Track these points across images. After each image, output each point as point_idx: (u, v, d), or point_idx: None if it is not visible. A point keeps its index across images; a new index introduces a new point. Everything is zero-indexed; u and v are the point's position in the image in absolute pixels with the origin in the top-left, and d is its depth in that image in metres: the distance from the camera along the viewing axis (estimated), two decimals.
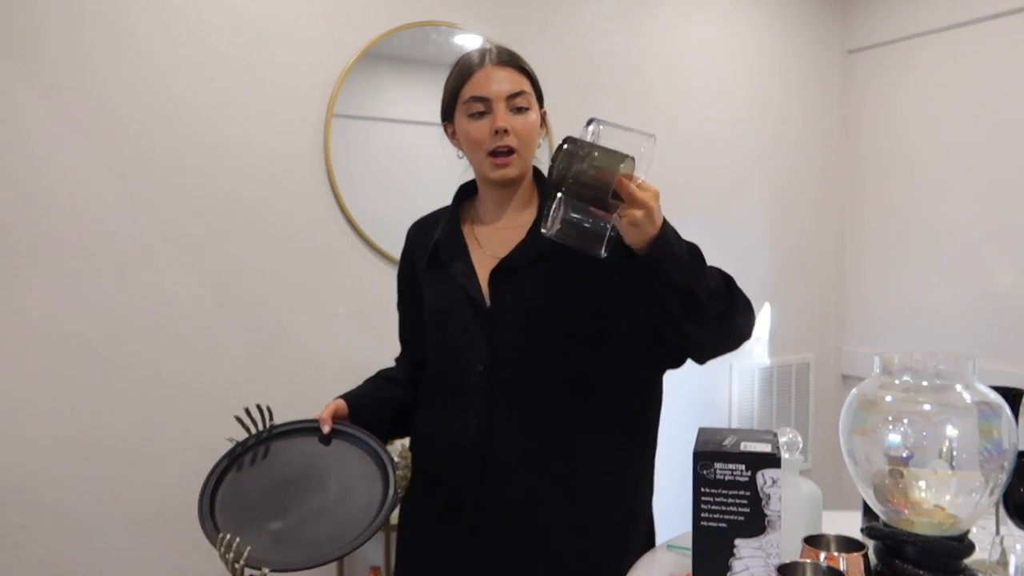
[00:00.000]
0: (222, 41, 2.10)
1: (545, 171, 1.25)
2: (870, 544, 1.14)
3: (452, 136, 1.31)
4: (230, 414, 2.13)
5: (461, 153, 1.31)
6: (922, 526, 1.11)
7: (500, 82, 1.23)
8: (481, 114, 1.23)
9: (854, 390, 1.19)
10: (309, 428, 1.25)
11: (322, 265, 2.26)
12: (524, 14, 2.53)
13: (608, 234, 1.04)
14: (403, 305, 1.45)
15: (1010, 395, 1.19)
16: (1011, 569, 1.10)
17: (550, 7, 2.57)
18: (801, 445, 1.40)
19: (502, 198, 1.31)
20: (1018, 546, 1.12)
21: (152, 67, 2.02)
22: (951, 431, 1.10)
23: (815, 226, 3.24)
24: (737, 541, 1.01)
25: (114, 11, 1.97)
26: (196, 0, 2.07)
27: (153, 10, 2.02)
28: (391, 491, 1.16)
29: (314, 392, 2.22)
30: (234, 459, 1.23)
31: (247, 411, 1.23)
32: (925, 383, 1.13)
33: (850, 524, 1.29)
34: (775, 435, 1.15)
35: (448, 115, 1.29)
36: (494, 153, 1.23)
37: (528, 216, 1.30)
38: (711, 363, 1.30)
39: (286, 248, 2.21)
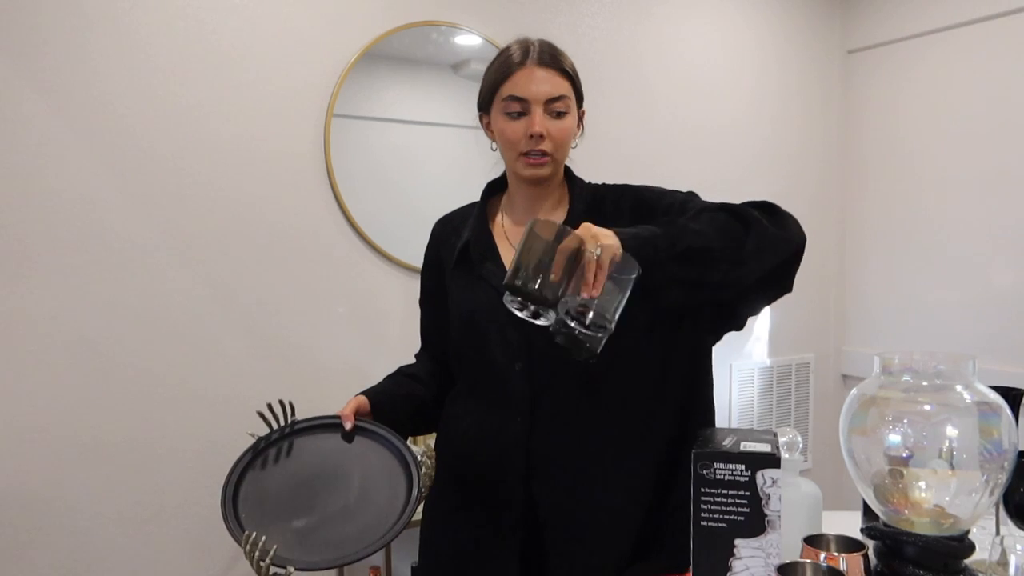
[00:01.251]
0: (222, 41, 2.10)
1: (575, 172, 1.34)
2: (870, 544, 1.14)
3: (487, 127, 1.30)
4: (230, 414, 2.15)
5: (495, 145, 1.30)
6: (922, 526, 1.11)
7: (540, 84, 1.21)
8: (518, 115, 1.21)
9: (854, 390, 1.19)
10: (331, 424, 1.24)
11: (322, 265, 2.26)
12: (524, 14, 2.53)
13: (599, 336, 1.00)
14: (427, 304, 1.44)
15: (1010, 395, 1.19)
16: (1011, 569, 1.10)
17: (550, 7, 2.57)
18: (801, 445, 1.40)
19: (534, 196, 1.30)
20: (1018, 546, 1.12)
21: (152, 67, 2.02)
22: (951, 431, 1.10)
23: (815, 226, 3.24)
24: (737, 541, 1.01)
25: (114, 11, 1.97)
26: (196, 0, 2.07)
27: (153, 10, 2.02)
28: (415, 490, 1.15)
29: (314, 392, 2.23)
30: (257, 454, 1.22)
31: (269, 406, 1.23)
32: (925, 383, 1.13)
33: (850, 524, 1.29)
34: (775, 435, 1.15)
35: (485, 107, 1.28)
36: (527, 155, 1.22)
37: (559, 215, 1.28)
38: (712, 363, 1.30)
39: (286, 248, 2.21)
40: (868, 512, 1.29)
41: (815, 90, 3.20)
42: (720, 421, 2.97)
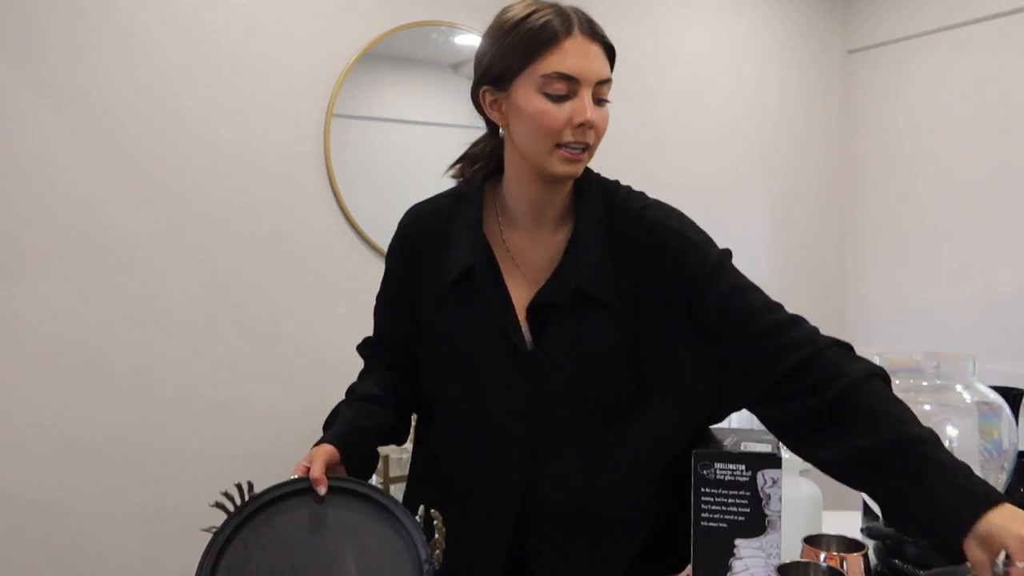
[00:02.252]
0: (222, 41, 2.10)
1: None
2: (870, 544, 1.14)
3: (492, 106, 1.05)
4: (230, 414, 2.15)
5: (504, 131, 1.06)
6: None
7: (593, 61, 0.98)
8: (562, 97, 0.98)
9: None
10: (300, 490, 0.96)
11: (322, 264, 2.26)
12: None
13: None
14: (391, 310, 1.19)
15: (1010, 395, 1.19)
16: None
17: None
18: None
19: (543, 200, 1.06)
20: None
21: (152, 67, 2.02)
22: (951, 431, 1.11)
23: (815, 226, 3.24)
24: (737, 541, 1.01)
25: (114, 11, 1.97)
26: (197, 0, 2.07)
27: (153, 10, 2.02)
28: (426, 567, 0.92)
29: (314, 392, 2.23)
30: (220, 553, 0.93)
31: (226, 494, 0.93)
32: (925, 383, 1.13)
33: (850, 524, 1.29)
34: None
35: (503, 80, 1.01)
36: (566, 146, 0.99)
37: (566, 231, 1.07)
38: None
39: (286, 248, 2.21)
40: (868, 512, 1.29)
41: (815, 90, 3.20)
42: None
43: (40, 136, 1.91)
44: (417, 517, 0.94)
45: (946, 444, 1.11)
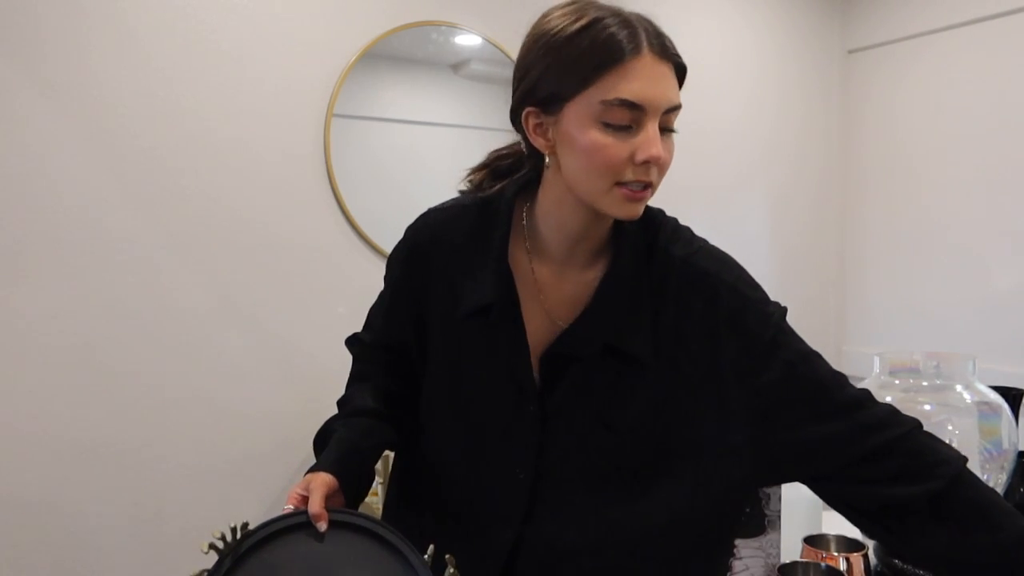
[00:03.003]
0: (222, 41, 2.10)
1: None
2: (870, 544, 1.14)
3: (536, 131, 0.88)
4: (230, 414, 2.15)
5: (551, 160, 0.89)
6: None
7: (663, 87, 0.83)
8: (624, 128, 0.82)
9: None
10: (298, 525, 0.87)
11: (322, 265, 2.26)
12: (525, 14, 2.52)
13: None
14: (391, 317, 1.04)
15: (1010, 395, 1.19)
16: None
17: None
18: None
19: (588, 233, 0.91)
20: None
21: (152, 67, 2.02)
22: (951, 431, 1.11)
23: (815, 226, 3.24)
24: (737, 541, 1.01)
25: (114, 11, 1.97)
26: (196, 0, 2.07)
27: (153, 10, 2.02)
28: None
29: (313, 393, 2.23)
30: None
31: (222, 536, 0.84)
32: (925, 383, 1.13)
33: (850, 524, 1.29)
34: None
35: (551, 105, 0.85)
36: (626, 185, 0.83)
37: (599, 268, 0.93)
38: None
39: (286, 248, 2.21)
40: None
41: (815, 90, 3.20)
42: None
43: (40, 136, 1.91)
44: (426, 556, 0.84)
45: None
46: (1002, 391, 1.15)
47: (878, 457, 0.85)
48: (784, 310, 0.93)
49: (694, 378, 0.89)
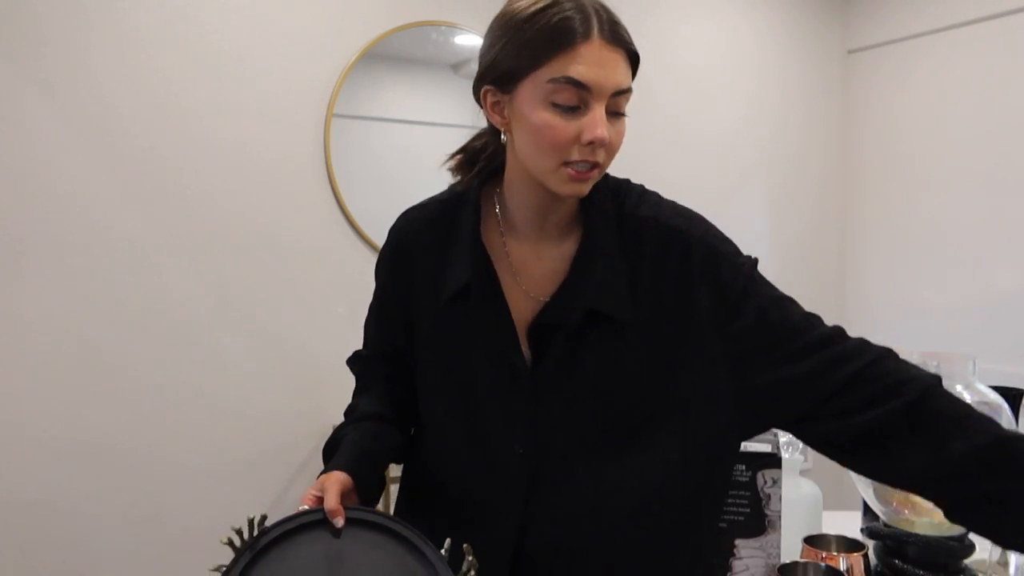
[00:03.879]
0: (222, 41, 2.10)
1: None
2: (870, 544, 1.14)
3: (493, 108, 0.92)
4: (230, 414, 2.15)
5: (506, 136, 0.93)
6: (922, 526, 1.11)
7: (611, 70, 0.86)
8: (572, 109, 0.85)
9: None
10: (314, 522, 0.87)
11: (322, 265, 2.26)
12: None
13: None
14: (383, 323, 1.07)
15: (1010, 395, 1.19)
16: (1011, 569, 1.10)
17: None
18: (801, 445, 1.40)
19: (552, 208, 0.95)
20: None
21: (152, 67, 2.02)
22: None
23: (815, 226, 3.24)
24: (737, 541, 1.01)
25: (115, 11, 1.97)
26: (197, 0, 2.07)
27: (154, 10, 2.02)
28: None
29: (313, 392, 2.23)
30: None
31: (237, 530, 0.86)
32: None
33: (850, 524, 1.29)
34: (775, 435, 1.15)
35: (506, 83, 0.89)
36: (572, 164, 0.87)
37: (573, 241, 0.96)
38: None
39: (286, 248, 2.21)
40: (868, 512, 1.29)
41: (815, 90, 3.20)
42: None
43: (40, 136, 1.91)
44: (443, 551, 0.84)
45: None
46: (1002, 391, 1.15)
47: (851, 387, 0.87)
48: (755, 260, 0.96)
49: (674, 333, 0.91)
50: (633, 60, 0.90)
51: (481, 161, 1.01)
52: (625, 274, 0.93)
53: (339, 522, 0.85)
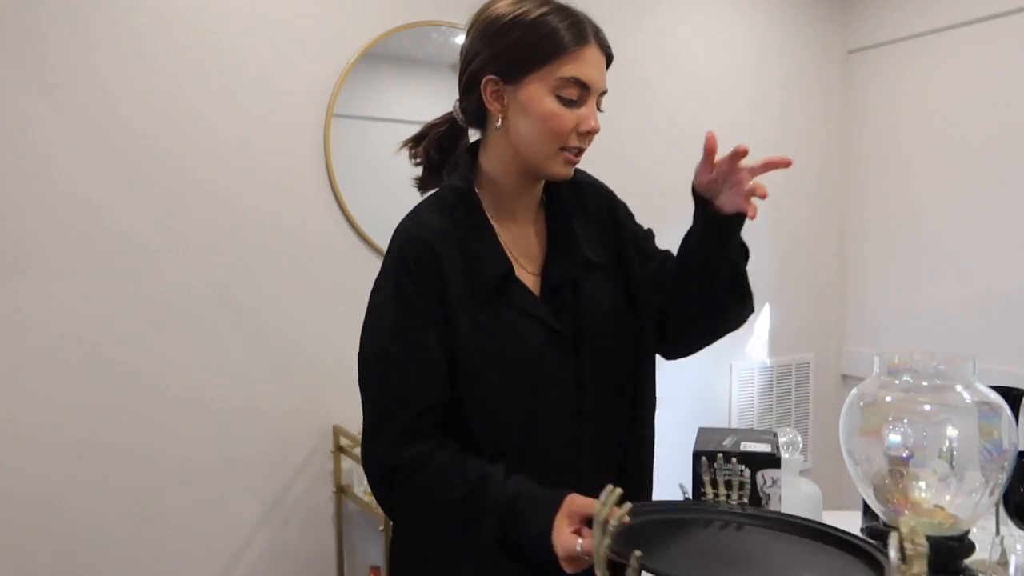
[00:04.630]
0: (222, 41, 2.10)
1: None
2: None
3: (492, 96, 1.03)
4: (230, 413, 2.15)
5: (501, 123, 1.04)
6: (922, 526, 1.11)
7: (601, 73, 1.03)
8: (572, 102, 1.00)
9: (854, 390, 1.19)
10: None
11: (322, 265, 2.26)
12: None
13: None
14: (426, 352, 1.00)
15: (1010, 395, 1.19)
16: (1011, 569, 1.10)
17: None
18: (801, 445, 1.40)
19: (532, 191, 1.10)
20: (1018, 546, 1.12)
21: (153, 67, 2.02)
22: (951, 431, 1.10)
23: (815, 226, 3.24)
24: None
25: (115, 11, 1.97)
26: (197, 0, 2.07)
27: (154, 10, 2.02)
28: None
29: (312, 392, 2.23)
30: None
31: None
32: (925, 383, 1.12)
33: (850, 524, 1.29)
34: (775, 435, 1.15)
35: (513, 75, 1.01)
36: (568, 150, 1.03)
37: (540, 217, 1.13)
38: (711, 363, 1.29)
39: (286, 248, 2.21)
40: (868, 512, 1.29)
41: (815, 90, 3.20)
42: (720, 421, 2.98)
43: (41, 136, 1.91)
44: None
45: (946, 444, 1.11)
46: (1002, 391, 1.15)
47: (672, 271, 1.15)
48: (648, 230, 1.23)
49: (631, 266, 1.13)
50: (609, 64, 1.07)
51: (446, 144, 1.15)
52: (593, 229, 1.13)
53: (626, 519, 0.82)
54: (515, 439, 1.02)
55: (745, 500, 0.96)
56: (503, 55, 1.02)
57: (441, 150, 1.15)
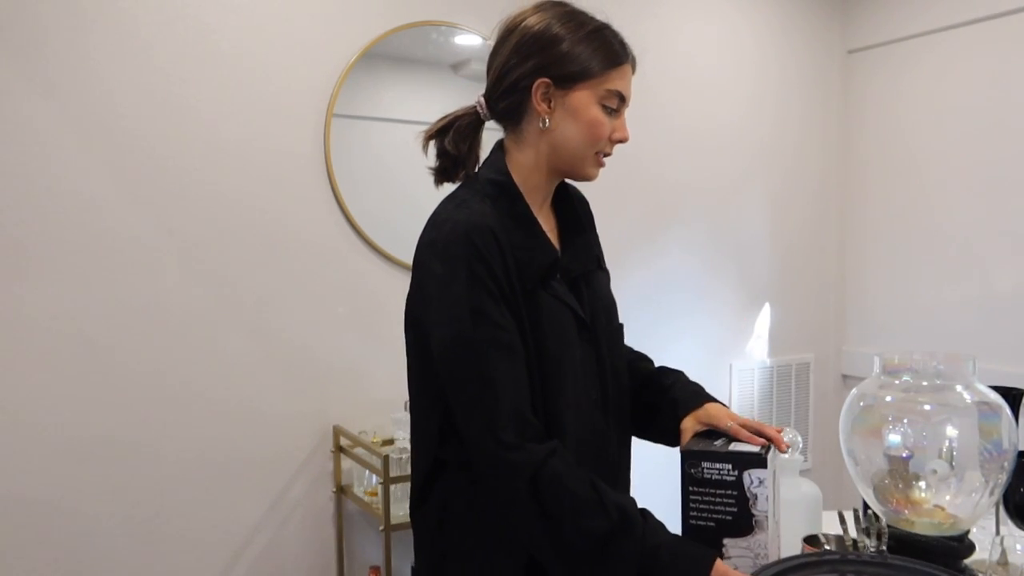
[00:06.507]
0: (222, 41, 2.10)
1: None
2: (870, 543, 1.14)
3: (542, 97, 1.08)
4: (230, 413, 2.15)
5: (547, 122, 1.09)
6: (922, 526, 1.11)
7: (630, 88, 1.15)
8: (611, 112, 1.10)
9: (854, 390, 1.19)
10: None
11: (322, 265, 2.26)
12: None
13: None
14: (515, 354, 1.02)
15: (1010, 395, 1.19)
16: (1011, 569, 1.10)
17: None
18: (801, 445, 1.40)
19: (551, 190, 1.19)
20: (1018, 546, 1.12)
21: (153, 67, 2.02)
22: (951, 431, 1.11)
23: (815, 226, 3.24)
24: (726, 540, 1.01)
25: (115, 11, 1.97)
26: (197, 0, 2.07)
27: (154, 10, 2.02)
28: None
29: (313, 392, 2.23)
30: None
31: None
32: (925, 383, 1.12)
33: (850, 524, 1.29)
34: None
35: (568, 80, 1.08)
36: (601, 154, 1.13)
37: (552, 218, 1.20)
38: (711, 363, 1.31)
39: (286, 248, 2.21)
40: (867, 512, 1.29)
41: (815, 90, 3.20)
42: None
43: (41, 136, 1.91)
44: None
45: (946, 444, 1.11)
46: (1002, 391, 1.15)
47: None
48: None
49: (604, 270, 1.24)
50: None
51: (468, 135, 1.17)
52: (588, 229, 1.23)
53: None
54: (556, 429, 1.04)
55: (884, 548, 1.03)
56: (565, 60, 1.07)
57: (465, 143, 1.17)
